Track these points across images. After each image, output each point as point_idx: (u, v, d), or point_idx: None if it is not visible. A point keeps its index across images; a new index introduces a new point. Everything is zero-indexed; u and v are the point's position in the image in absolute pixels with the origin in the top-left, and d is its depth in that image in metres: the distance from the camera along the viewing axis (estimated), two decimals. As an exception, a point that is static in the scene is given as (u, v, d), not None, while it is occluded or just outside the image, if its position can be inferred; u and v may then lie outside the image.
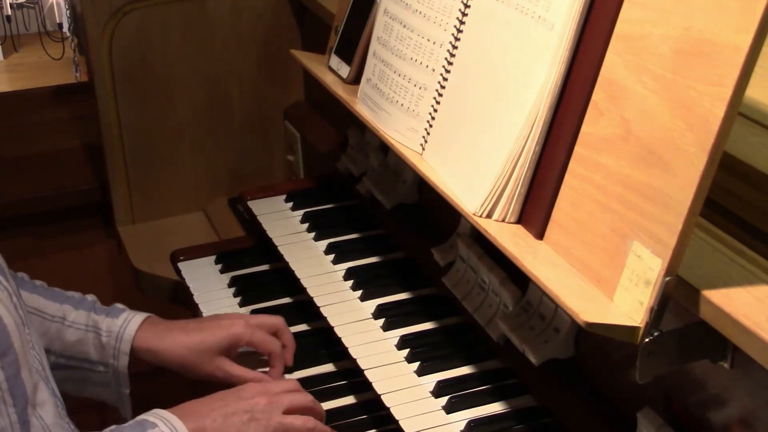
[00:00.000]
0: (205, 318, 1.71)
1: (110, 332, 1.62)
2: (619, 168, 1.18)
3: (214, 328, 1.63)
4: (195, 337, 1.62)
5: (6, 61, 7.02)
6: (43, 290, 1.67)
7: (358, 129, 2.11)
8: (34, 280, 1.69)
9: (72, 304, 1.65)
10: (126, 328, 1.62)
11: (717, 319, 1.09)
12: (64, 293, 1.68)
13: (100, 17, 2.31)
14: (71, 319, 1.63)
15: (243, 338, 1.63)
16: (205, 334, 1.62)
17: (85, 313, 1.64)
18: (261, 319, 1.68)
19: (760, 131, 1.43)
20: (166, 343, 1.62)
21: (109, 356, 1.62)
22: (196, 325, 1.66)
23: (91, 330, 1.63)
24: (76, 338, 1.62)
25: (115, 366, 1.62)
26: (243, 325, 1.63)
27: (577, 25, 1.27)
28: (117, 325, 1.63)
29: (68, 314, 1.63)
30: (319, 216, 2.05)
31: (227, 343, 1.62)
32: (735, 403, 1.17)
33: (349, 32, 1.87)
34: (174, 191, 2.54)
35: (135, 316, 1.64)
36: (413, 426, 1.46)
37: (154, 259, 2.32)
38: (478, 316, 1.61)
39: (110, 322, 1.63)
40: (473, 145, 1.42)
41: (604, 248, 1.19)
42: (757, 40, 1.01)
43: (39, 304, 1.63)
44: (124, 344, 1.61)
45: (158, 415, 1.40)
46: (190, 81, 2.45)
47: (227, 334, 1.62)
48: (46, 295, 1.65)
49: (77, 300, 1.67)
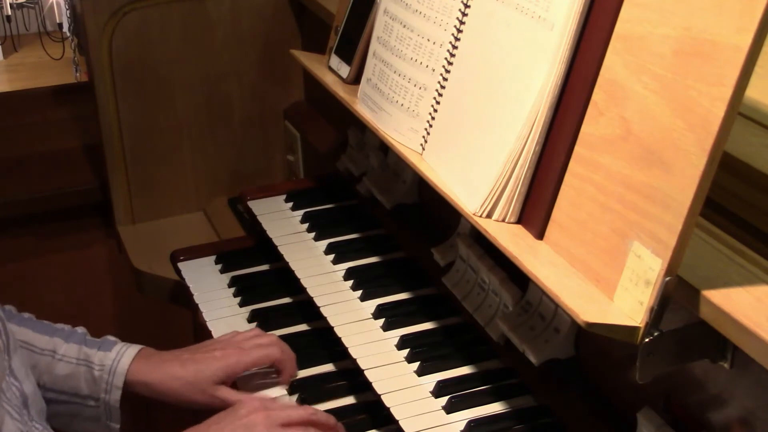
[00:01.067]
0: (199, 347, 1.67)
1: (103, 366, 1.59)
2: (619, 168, 1.18)
3: (209, 360, 1.61)
4: (189, 369, 1.59)
5: (6, 61, 7.01)
6: (31, 323, 1.63)
7: (358, 129, 2.11)
8: (22, 313, 1.65)
9: (62, 337, 1.61)
10: (119, 361, 1.59)
11: (717, 319, 1.09)
12: (53, 326, 1.64)
13: (100, 17, 2.31)
14: (62, 352, 1.60)
15: (238, 367, 1.61)
16: (200, 366, 1.60)
17: (76, 346, 1.61)
18: (254, 341, 1.66)
19: (760, 131, 1.43)
20: (160, 376, 1.59)
21: (101, 390, 1.59)
22: (190, 355, 1.63)
23: (83, 364, 1.59)
24: (66, 372, 1.59)
25: (106, 400, 1.59)
26: (237, 354, 1.61)
27: (577, 25, 1.27)
28: (110, 358, 1.59)
29: (59, 347, 1.60)
30: (319, 216, 2.05)
31: (223, 374, 1.60)
32: (735, 403, 1.17)
33: (349, 32, 1.87)
34: (174, 191, 2.54)
35: (128, 349, 1.61)
36: (413, 426, 1.46)
37: (154, 259, 2.32)
38: (478, 316, 1.61)
39: (102, 355, 1.60)
40: (473, 145, 1.42)
41: (604, 248, 1.19)
42: (757, 40, 1.01)
43: (28, 338, 1.60)
44: (117, 378, 1.58)
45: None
46: (190, 81, 2.45)
47: (222, 365, 1.60)
48: (35, 328, 1.61)
49: (67, 333, 1.63)
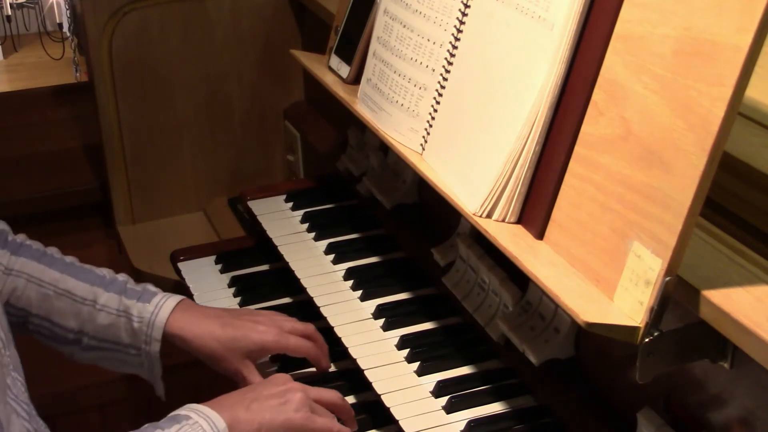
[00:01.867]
0: (242, 312, 1.69)
1: (142, 318, 1.60)
2: (619, 168, 1.18)
3: (249, 330, 1.61)
4: (228, 332, 1.60)
5: (6, 61, 7.02)
6: (74, 269, 1.65)
7: (358, 129, 2.11)
8: (64, 257, 1.67)
9: (103, 286, 1.63)
10: (158, 314, 1.60)
11: (717, 319, 1.09)
12: (95, 272, 1.66)
13: (100, 17, 2.31)
14: (102, 302, 1.62)
15: (276, 346, 1.62)
16: (239, 334, 1.60)
17: (117, 296, 1.62)
18: (293, 324, 1.66)
19: (760, 131, 1.43)
20: (197, 332, 1.60)
21: (141, 342, 1.61)
22: (231, 320, 1.63)
23: (123, 315, 1.61)
24: (108, 322, 1.61)
25: (147, 351, 1.61)
26: (276, 334, 1.62)
27: (577, 25, 1.27)
28: (148, 311, 1.61)
29: (99, 297, 1.62)
30: (319, 216, 2.05)
31: (257, 349, 1.61)
32: (735, 403, 1.17)
33: (349, 32, 1.87)
34: (174, 191, 2.54)
35: (167, 301, 1.62)
36: (413, 426, 1.46)
37: (154, 259, 2.32)
38: (478, 316, 1.61)
39: (142, 307, 1.61)
40: (473, 145, 1.42)
41: (604, 248, 1.19)
42: (757, 40, 1.01)
43: (69, 286, 1.62)
44: (156, 331, 1.60)
45: (191, 408, 1.39)
46: (190, 81, 2.45)
47: (259, 341, 1.61)
48: (77, 275, 1.63)
49: (108, 281, 1.64)
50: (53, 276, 1.62)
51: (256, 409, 1.41)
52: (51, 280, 1.62)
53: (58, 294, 1.61)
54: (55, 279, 1.62)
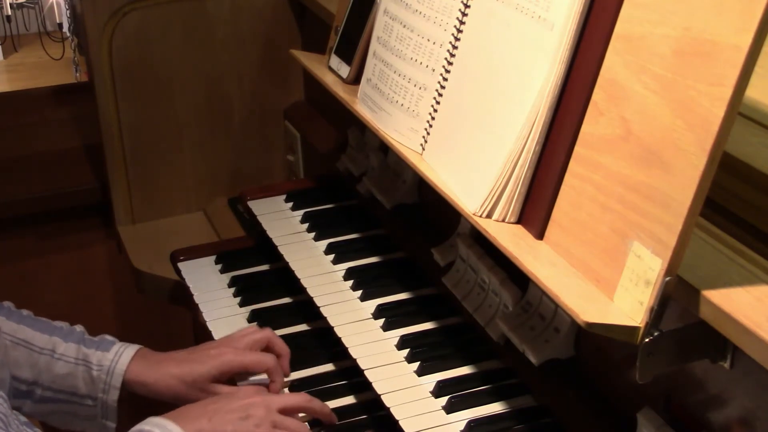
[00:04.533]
0: (195, 348, 1.70)
1: (101, 366, 1.61)
2: (619, 168, 1.18)
3: (204, 358, 1.63)
4: (185, 368, 1.62)
5: (6, 61, 7.01)
6: (30, 321, 1.65)
7: (358, 129, 2.11)
8: (20, 310, 1.68)
9: (61, 336, 1.64)
10: (117, 362, 1.62)
11: (717, 319, 1.09)
12: (52, 324, 1.67)
13: (100, 17, 2.31)
14: (61, 351, 1.62)
15: (233, 365, 1.63)
16: (195, 364, 1.62)
17: (75, 345, 1.63)
18: (249, 338, 1.67)
19: (760, 131, 1.43)
20: (156, 376, 1.61)
21: (99, 390, 1.61)
22: (186, 355, 1.65)
23: (82, 364, 1.62)
24: (65, 371, 1.61)
25: (104, 400, 1.62)
26: (232, 353, 1.63)
27: (577, 25, 1.27)
28: (108, 359, 1.62)
29: (58, 346, 1.62)
30: (319, 216, 2.05)
31: (217, 371, 1.62)
32: (735, 403, 1.17)
33: (349, 32, 1.87)
34: (174, 191, 2.54)
35: (126, 349, 1.64)
36: (413, 426, 1.46)
37: (154, 259, 2.32)
38: (478, 316, 1.61)
39: (101, 355, 1.62)
40: (473, 145, 1.42)
41: (604, 248, 1.19)
42: (757, 40, 1.01)
43: (27, 336, 1.62)
44: (115, 378, 1.61)
45: (153, 423, 1.40)
46: (190, 81, 2.45)
47: (216, 363, 1.62)
48: (33, 326, 1.64)
49: (66, 331, 1.65)
50: (10, 326, 1.61)
51: (218, 421, 1.43)
52: (8, 330, 1.61)
53: (14, 344, 1.60)
54: (12, 329, 1.61)
